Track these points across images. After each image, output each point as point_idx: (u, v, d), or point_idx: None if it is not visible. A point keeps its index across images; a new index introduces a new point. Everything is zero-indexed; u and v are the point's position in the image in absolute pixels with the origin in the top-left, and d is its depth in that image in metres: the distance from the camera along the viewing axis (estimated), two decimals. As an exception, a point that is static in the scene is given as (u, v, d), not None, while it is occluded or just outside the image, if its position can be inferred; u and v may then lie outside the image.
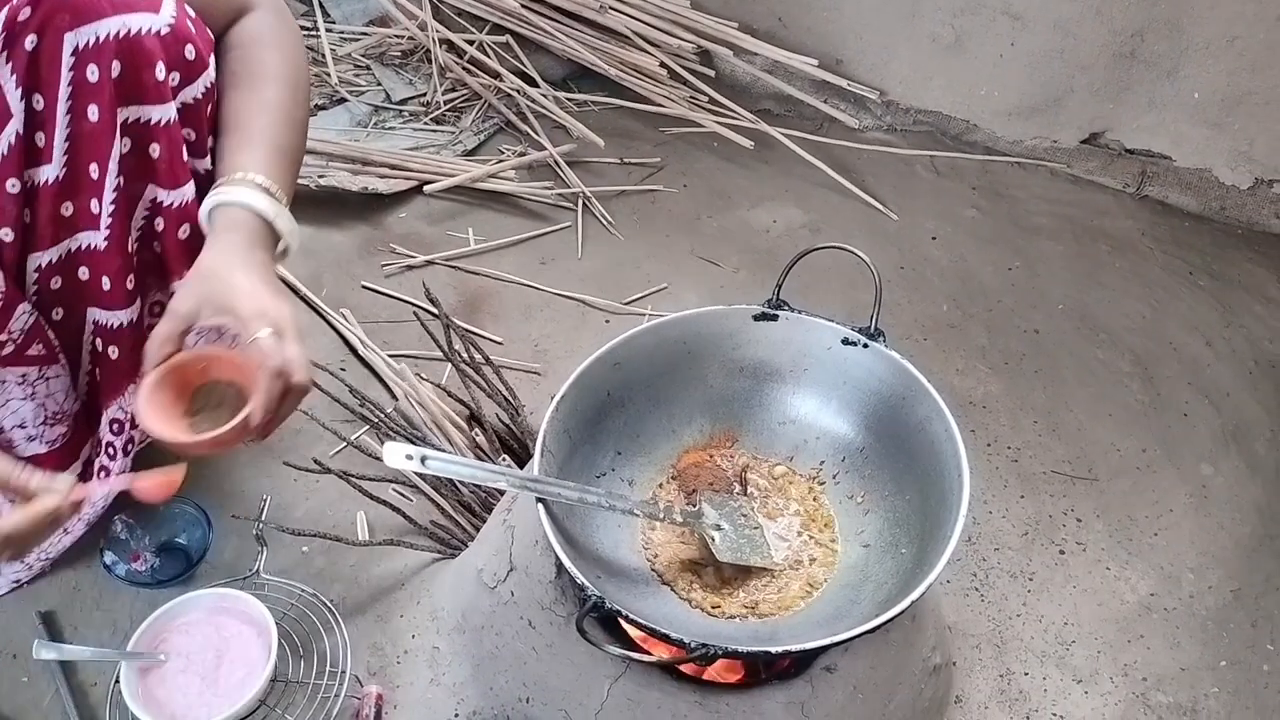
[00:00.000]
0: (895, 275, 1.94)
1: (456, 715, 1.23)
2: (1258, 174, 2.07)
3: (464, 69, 2.34)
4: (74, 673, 1.27)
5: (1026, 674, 1.33)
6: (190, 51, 1.10)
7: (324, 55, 2.37)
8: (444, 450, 1.50)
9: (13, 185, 1.07)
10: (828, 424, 1.24)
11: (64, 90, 1.04)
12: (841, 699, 1.08)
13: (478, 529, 1.38)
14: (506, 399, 1.56)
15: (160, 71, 1.07)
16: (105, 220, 1.12)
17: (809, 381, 1.24)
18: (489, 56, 2.34)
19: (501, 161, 2.14)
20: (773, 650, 0.93)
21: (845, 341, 1.20)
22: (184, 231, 1.17)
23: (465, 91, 2.34)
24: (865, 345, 1.19)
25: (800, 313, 1.22)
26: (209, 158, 1.18)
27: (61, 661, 1.26)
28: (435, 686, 1.26)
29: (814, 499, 1.21)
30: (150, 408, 0.99)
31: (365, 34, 2.47)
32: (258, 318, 1.00)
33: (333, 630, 1.30)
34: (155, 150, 1.11)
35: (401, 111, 2.29)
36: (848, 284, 1.85)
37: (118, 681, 1.20)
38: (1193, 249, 2.06)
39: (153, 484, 1.01)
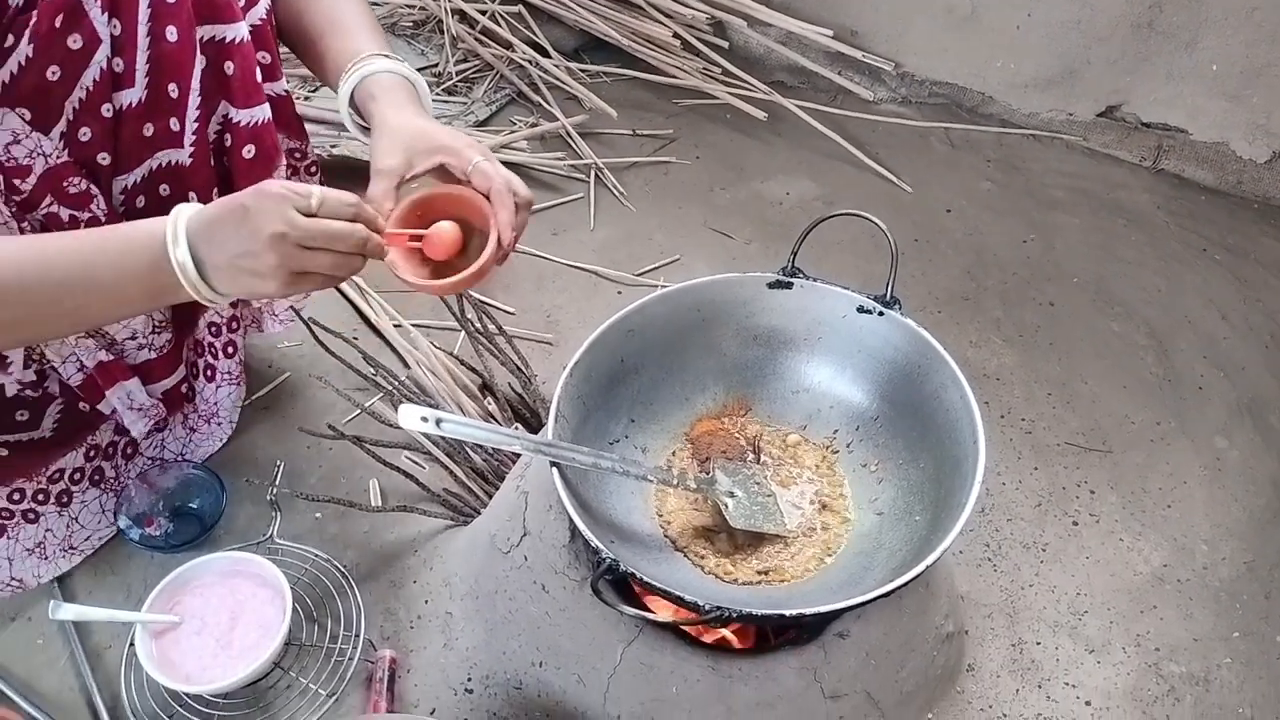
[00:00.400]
0: (910, 247, 1.92)
1: (469, 679, 1.23)
2: (1276, 148, 2.05)
3: (476, 39, 2.33)
4: (88, 635, 1.28)
5: (1039, 644, 1.33)
6: None
7: (336, 25, 2.36)
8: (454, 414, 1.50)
9: (106, 110, 1.09)
10: (842, 392, 1.23)
11: (144, 13, 1.07)
12: (854, 665, 1.08)
13: (490, 496, 1.38)
14: (519, 368, 1.56)
15: None
16: (189, 138, 1.16)
17: (823, 350, 1.24)
18: (501, 27, 2.33)
19: (514, 132, 2.14)
20: (786, 614, 0.93)
21: (860, 309, 1.19)
22: (249, 151, 1.23)
23: (477, 62, 2.33)
24: (880, 313, 1.18)
25: (815, 280, 1.21)
26: (283, 79, 1.26)
27: (76, 624, 1.27)
28: (448, 651, 1.26)
29: (828, 467, 1.21)
30: (403, 264, 1.07)
31: (377, 4, 2.46)
32: (470, 148, 1.08)
33: (346, 595, 1.31)
34: (230, 68, 1.16)
35: (412, 80, 2.28)
36: (860, 256, 1.84)
37: (132, 644, 1.21)
38: (1209, 223, 2.04)
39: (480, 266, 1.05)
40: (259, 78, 1.19)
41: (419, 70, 2.25)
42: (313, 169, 1.41)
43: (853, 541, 1.14)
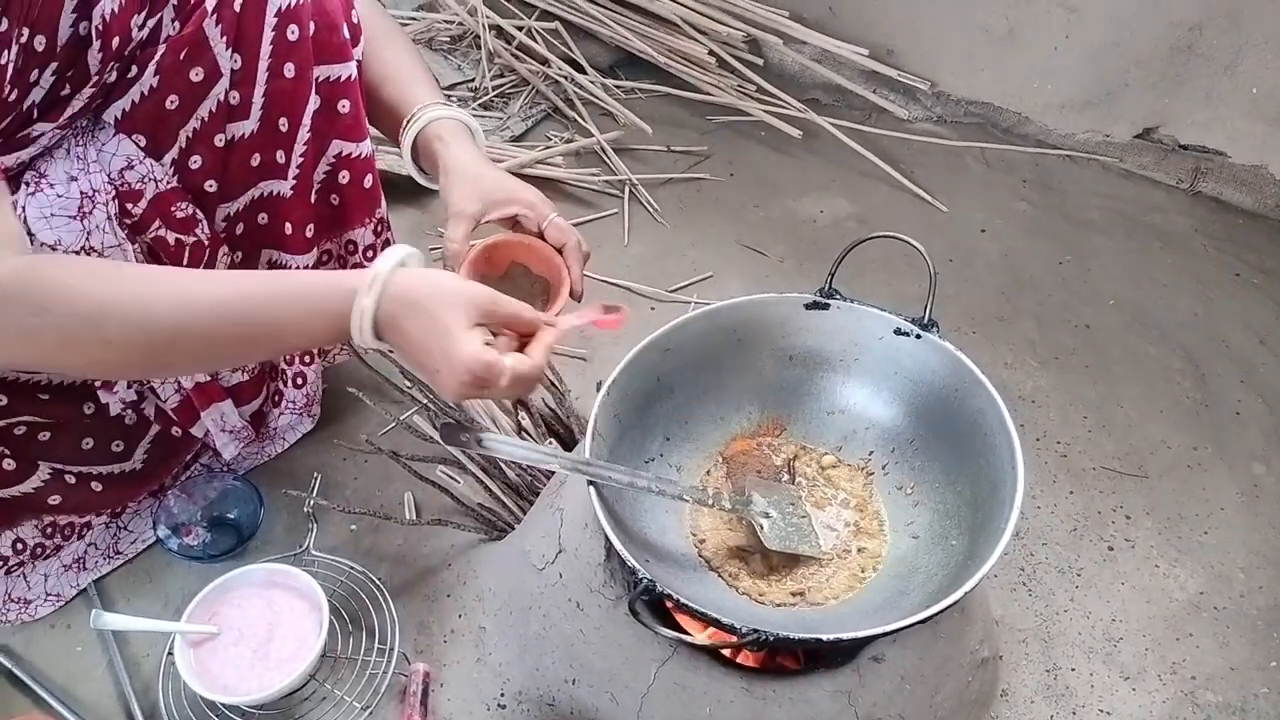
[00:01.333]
0: (944, 267, 1.92)
1: (502, 694, 1.24)
2: (1316, 171, 2.04)
3: (512, 55, 2.34)
4: (126, 644, 1.30)
5: (1073, 670, 1.32)
6: (355, 16, 1.20)
7: (374, 39, 2.38)
8: (492, 432, 1.51)
9: (219, 139, 1.14)
10: (878, 414, 1.23)
11: (265, 49, 1.11)
12: (889, 689, 1.07)
13: (524, 511, 1.39)
14: (553, 383, 1.56)
15: (345, 31, 1.16)
16: (293, 170, 1.21)
17: (859, 371, 1.24)
18: (537, 43, 2.35)
19: (549, 148, 2.15)
20: (824, 638, 0.93)
21: (898, 331, 1.19)
22: (368, 181, 1.29)
23: (513, 77, 2.35)
24: (918, 336, 1.18)
25: (852, 302, 1.21)
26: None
27: (115, 633, 1.29)
28: (481, 666, 1.27)
29: (863, 489, 1.20)
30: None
31: (415, 19, 2.48)
32: (543, 203, 1.14)
33: (381, 608, 1.32)
34: (345, 106, 1.20)
35: (450, 97, 2.30)
36: (895, 275, 1.84)
37: (170, 653, 1.22)
38: (1247, 246, 2.03)
39: (611, 318, 1.06)
40: (365, 111, 1.24)
41: (453, 86, 2.29)
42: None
43: (888, 565, 1.13)
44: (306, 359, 1.43)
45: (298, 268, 1.30)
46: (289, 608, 1.23)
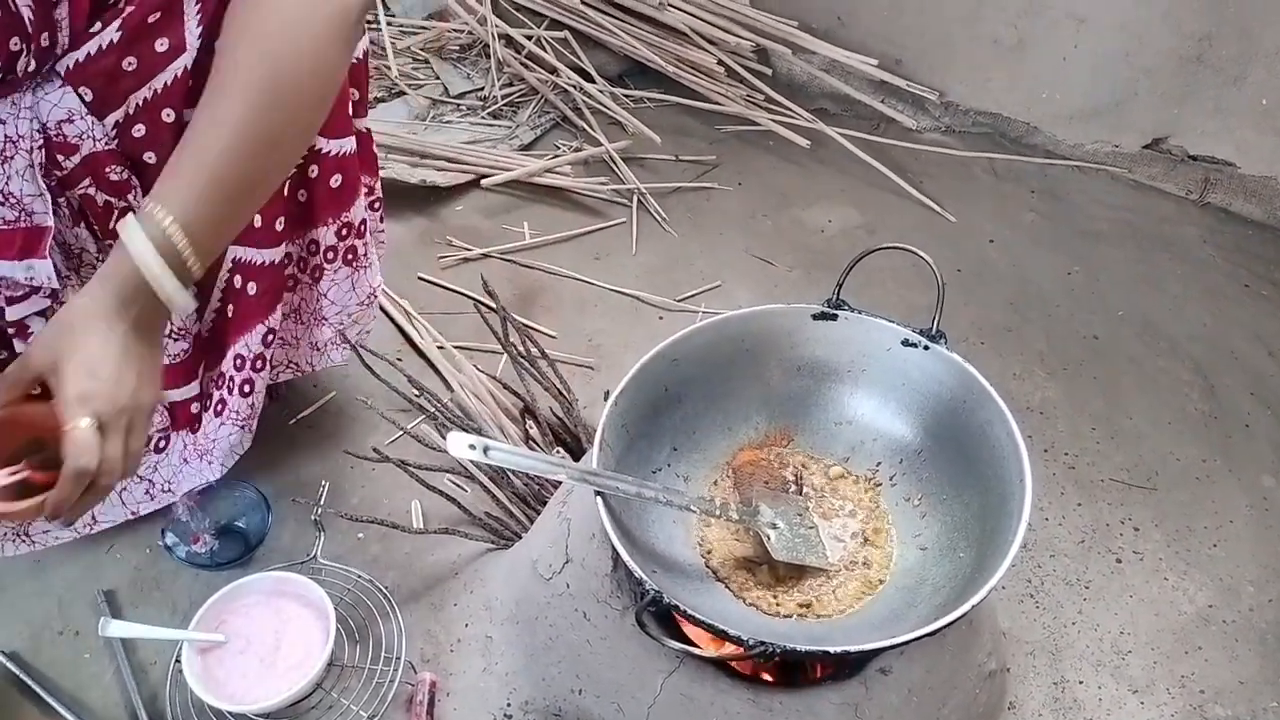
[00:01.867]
0: (952, 278, 1.92)
1: (509, 704, 1.24)
2: (1326, 182, 2.03)
3: (522, 64, 2.35)
4: (133, 651, 1.30)
5: (1081, 683, 1.32)
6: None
7: (384, 48, 2.40)
8: (500, 441, 1.51)
9: (168, 115, 1.07)
10: (886, 425, 1.23)
11: None
12: (896, 702, 1.07)
13: (531, 520, 1.39)
14: (561, 392, 1.57)
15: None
16: None
17: (867, 382, 1.24)
18: (547, 52, 2.36)
19: (558, 157, 2.15)
20: (831, 650, 0.93)
21: (906, 343, 1.19)
22: (336, 180, 1.24)
23: (522, 86, 2.35)
24: (926, 347, 1.18)
25: (860, 313, 1.21)
26: (368, 117, 1.27)
27: (123, 640, 1.29)
28: (488, 675, 1.27)
29: (870, 500, 1.20)
30: None
31: (425, 28, 2.49)
32: (80, 403, 0.88)
33: (388, 616, 1.32)
34: None
35: (459, 105, 2.31)
36: (903, 285, 1.84)
37: (177, 661, 1.22)
38: (1256, 258, 2.02)
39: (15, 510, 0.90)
40: (350, 110, 1.21)
41: (462, 94, 2.30)
42: (377, 204, 1.43)
43: (896, 576, 1.13)
44: (258, 365, 1.33)
45: (264, 262, 1.24)
46: (296, 616, 1.23)
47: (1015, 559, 0.97)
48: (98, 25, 1.02)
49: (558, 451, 1.50)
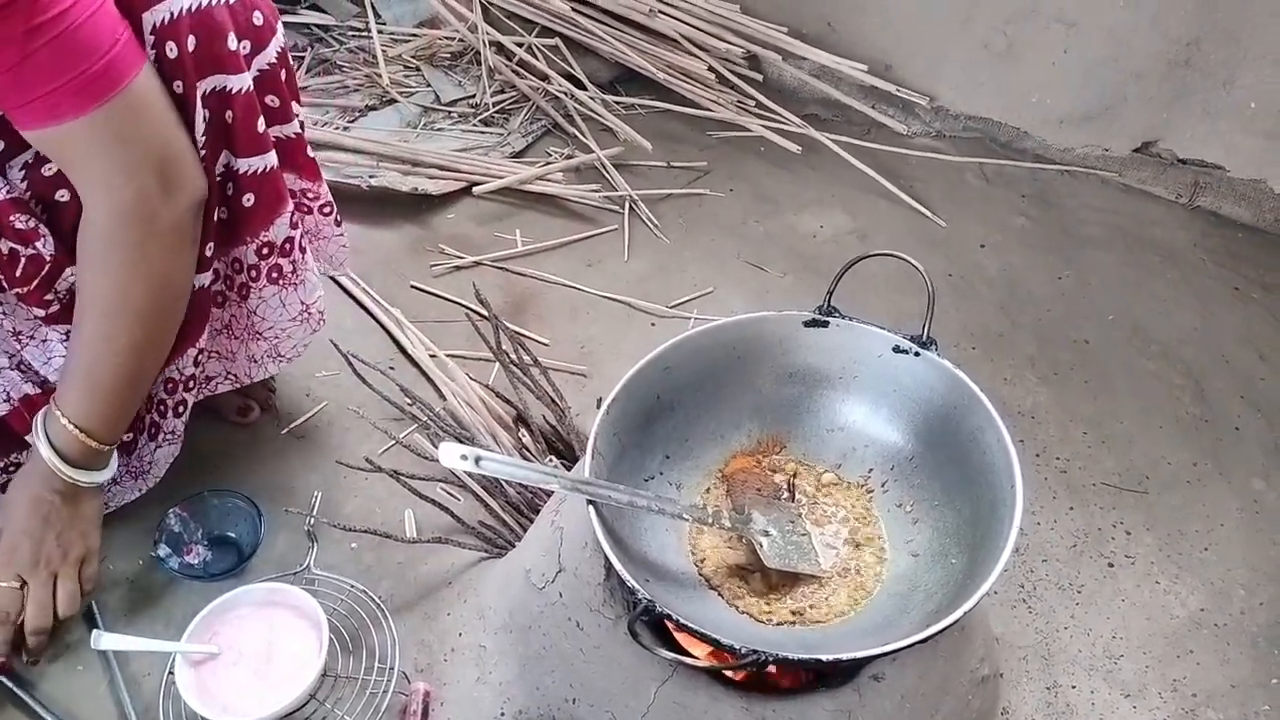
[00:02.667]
0: (943, 283, 1.92)
1: (503, 714, 1.23)
2: (1314, 185, 2.04)
3: (513, 71, 2.35)
4: (127, 663, 1.29)
5: (1074, 687, 1.32)
6: (258, 17, 1.14)
7: (375, 56, 2.40)
8: (493, 450, 1.51)
9: None
10: (877, 432, 1.23)
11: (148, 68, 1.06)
12: (889, 708, 1.07)
13: (524, 529, 1.39)
14: (553, 400, 1.57)
15: (232, 41, 1.10)
16: None
17: (859, 389, 1.24)
18: (537, 59, 2.36)
19: (549, 164, 2.16)
20: (824, 658, 0.93)
21: (896, 349, 1.19)
22: (249, 200, 1.22)
23: (514, 94, 2.36)
24: (917, 354, 1.18)
25: (851, 319, 1.22)
26: (294, 121, 1.25)
27: (115, 652, 1.29)
28: (482, 685, 1.27)
29: (862, 507, 1.21)
30: None
31: (415, 35, 2.49)
32: (3, 568, 1.18)
33: (381, 626, 1.32)
34: (229, 117, 1.14)
35: (450, 113, 2.31)
36: (895, 290, 1.84)
37: (171, 673, 1.22)
38: (1246, 261, 2.03)
39: None
40: (262, 127, 1.18)
41: (453, 102, 2.30)
42: (326, 209, 1.41)
43: (888, 583, 1.14)
44: (189, 385, 1.34)
45: (195, 289, 1.23)
46: (289, 627, 1.23)
47: (1007, 564, 0.97)
48: None
49: (550, 460, 1.50)
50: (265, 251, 1.30)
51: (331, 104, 2.28)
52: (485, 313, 1.63)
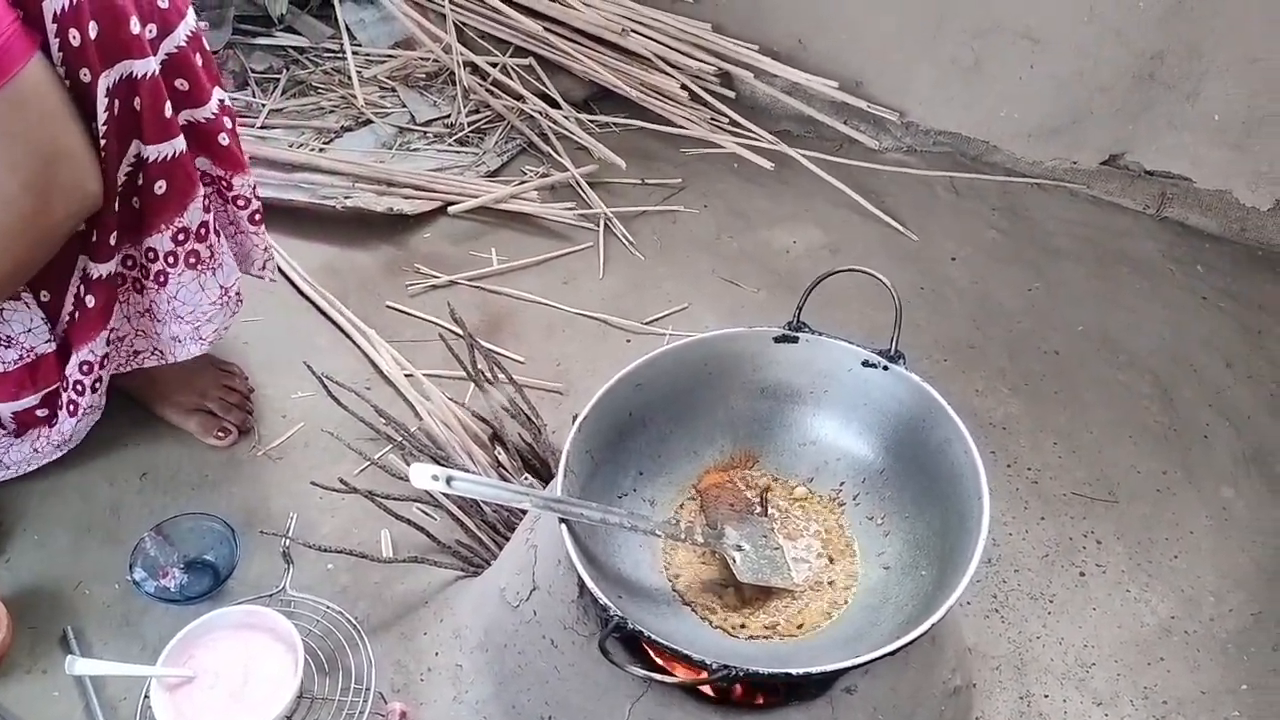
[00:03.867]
0: (915, 296, 1.94)
1: (479, 733, 1.24)
2: (1278, 195, 2.07)
3: (487, 91, 2.36)
4: (103, 688, 1.29)
5: (1046, 696, 1.33)
6: (163, 1, 1.13)
7: (350, 77, 2.40)
8: (468, 469, 1.52)
9: None
10: (848, 445, 1.24)
11: (55, 56, 1.06)
12: (862, 720, 1.08)
13: (501, 547, 1.40)
14: (529, 418, 1.57)
15: (135, 25, 1.09)
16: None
17: (829, 403, 1.25)
18: (512, 78, 2.37)
19: (524, 182, 2.17)
20: (794, 672, 0.94)
21: (865, 364, 1.21)
22: (160, 187, 1.22)
23: (488, 113, 2.37)
24: (885, 368, 1.20)
25: (820, 335, 1.23)
26: (210, 104, 1.24)
27: (91, 677, 1.28)
28: (458, 704, 1.27)
29: (834, 520, 1.22)
30: None
31: (391, 56, 2.50)
32: None
33: (358, 647, 1.32)
34: (138, 104, 1.14)
35: (426, 133, 2.32)
36: (867, 304, 1.86)
37: (147, 697, 1.22)
38: (1213, 270, 2.06)
39: None
40: (169, 111, 1.18)
41: (429, 122, 2.31)
42: (241, 202, 1.40)
43: (860, 595, 1.14)
44: (104, 362, 1.36)
45: (101, 275, 1.25)
46: (265, 649, 1.23)
47: (978, 573, 0.99)
48: None
49: (526, 478, 1.51)
50: (181, 238, 1.30)
51: (307, 125, 2.28)
52: (460, 332, 1.64)
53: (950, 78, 2.23)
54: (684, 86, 2.33)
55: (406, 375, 1.70)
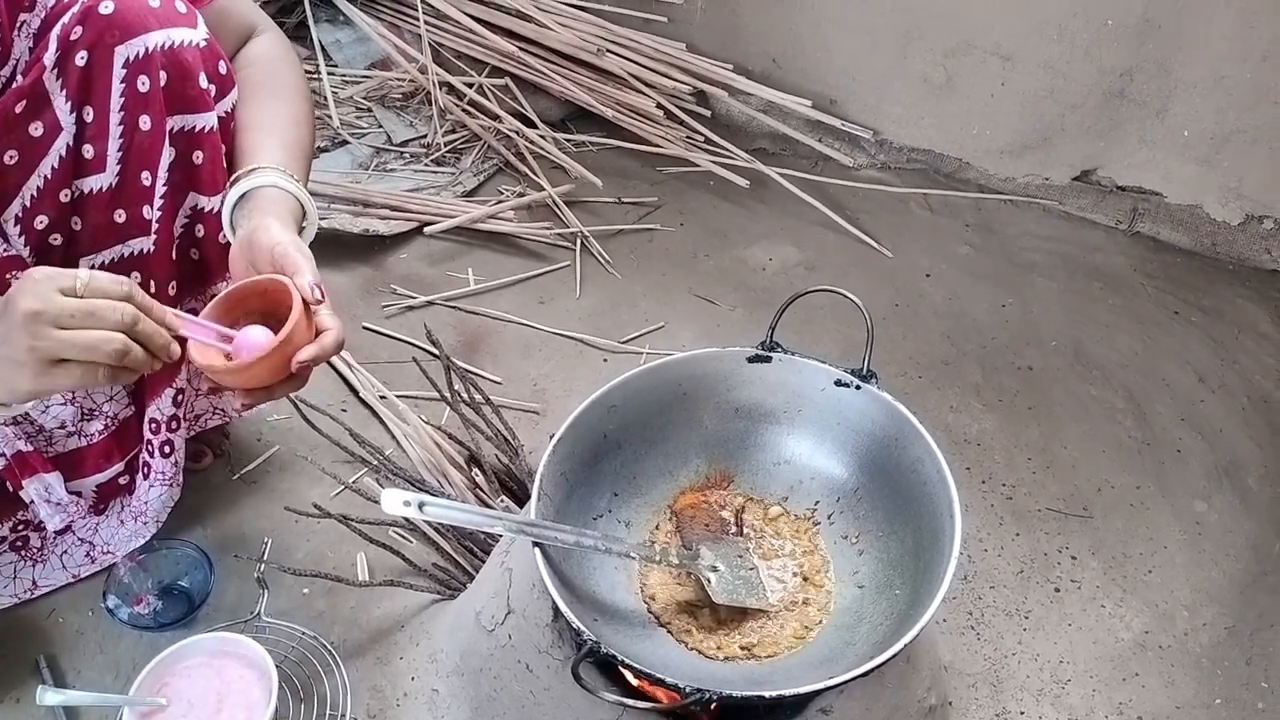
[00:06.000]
0: (890, 312, 1.95)
1: (456, 758, 1.23)
2: (1248, 210, 2.09)
3: (464, 111, 2.37)
4: (75, 717, 1.28)
5: (1022, 713, 1.34)
6: (222, 66, 1.16)
7: (326, 98, 2.41)
8: (443, 492, 1.52)
9: (64, 195, 1.12)
10: (822, 465, 1.25)
11: (115, 101, 1.09)
12: (837, 740, 1.08)
13: (477, 570, 1.39)
14: (505, 439, 1.57)
15: (203, 81, 1.13)
16: (154, 226, 1.18)
17: (803, 422, 1.26)
18: (488, 99, 2.38)
19: (501, 202, 2.17)
20: (767, 695, 0.94)
21: (838, 383, 1.21)
22: (224, 237, 1.22)
23: (465, 133, 2.37)
24: (858, 387, 1.20)
25: (793, 354, 1.23)
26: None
27: (65, 707, 1.27)
28: (434, 729, 1.27)
29: (809, 540, 1.22)
30: (196, 339, 0.98)
31: (367, 77, 2.51)
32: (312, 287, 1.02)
33: (333, 673, 1.31)
34: (199, 158, 1.17)
35: (402, 153, 2.32)
36: (842, 320, 1.87)
37: (120, 726, 1.21)
38: (1185, 285, 2.08)
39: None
40: (224, 163, 1.20)
41: (405, 142, 2.31)
42: None
43: (835, 615, 1.15)
44: (173, 425, 1.33)
45: None
46: (239, 677, 1.22)
47: (953, 590, 0.99)
48: None
49: (503, 500, 1.51)
50: None
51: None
52: (436, 353, 1.64)
53: (923, 96, 2.25)
54: (660, 106, 2.34)
55: (381, 397, 1.70)
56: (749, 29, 2.33)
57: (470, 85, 2.40)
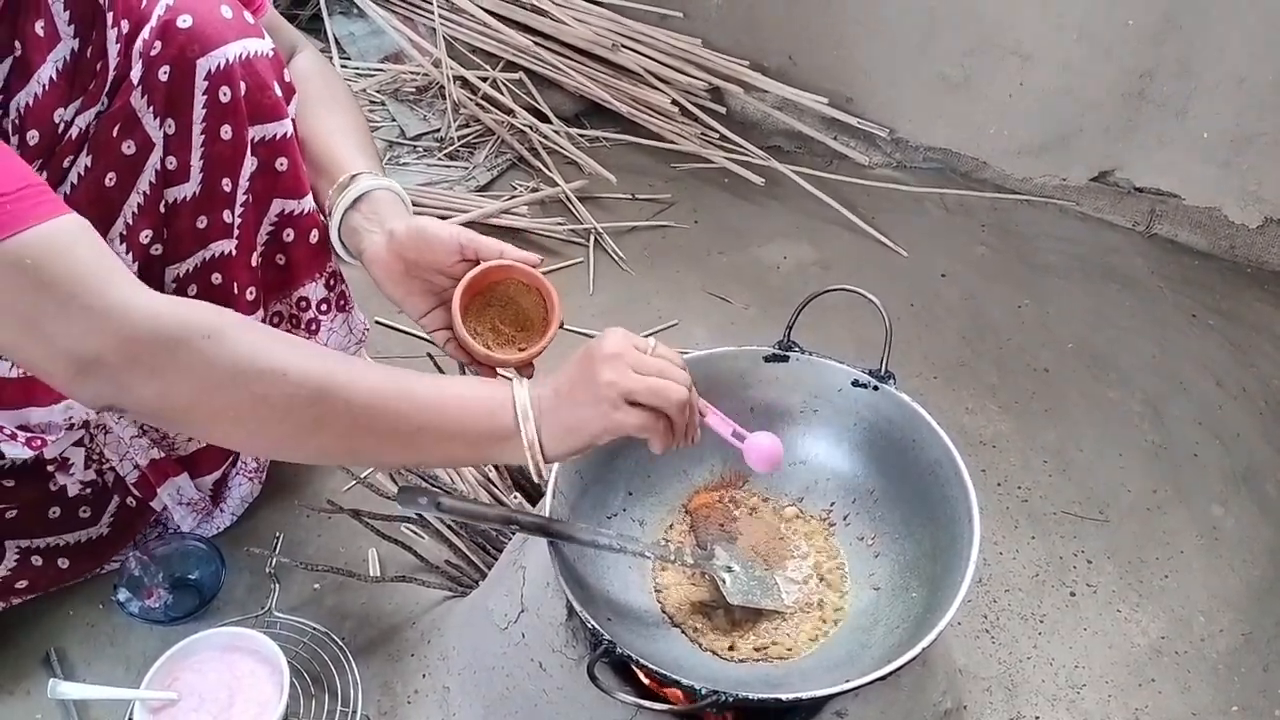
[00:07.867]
0: (905, 312, 1.94)
1: (466, 756, 1.23)
2: (1267, 213, 2.07)
3: (477, 105, 2.36)
4: (86, 711, 1.28)
5: (1037, 718, 1.33)
6: (286, 75, 1.18)
7: (339, 91, 2.40)
8: (455, 489, 1.51)
9: (161, 207, 1.15)
10: (838, 465, 1.24)
11: (199, 113, 1.11)
12: (852, 744, 1.08)
13: (490, 567, 1.39)
14: (518, 436, 1.56)
15: (277, 89, 1.15)
16: (235, 230, 1.19)
17: (819, 423, 1.25)
18: (502, 93, 2.37)
19: (514, 197, 2.16)
20: (784, 698, 0.93)
21: (856, 383, 1.20)
22: (314, 236, 1.27)
23: (478, 127, 2.36)
24: (876, 388, 1.19)
25: (811, 354, 1.22)
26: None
27: (75, 700, 1.27)
28: (445, 727, 1.26)
29: (824, 541, 1.21)
30: (467, 332, 1.12)
31: (380, 70, 2.50)
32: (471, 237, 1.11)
33: (344, 669, 1.31)
34: (283, 164, 1.19)
35: (415, 147, 2.31)
36: (857, 320, 1.85)
37: None
38: (1202, 288, 2.06)
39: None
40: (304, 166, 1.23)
41: (418, 136, 2.31)
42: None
43: (850, 617, 1.14)
44: None
45: None
46: (250, 673, 1.22)
47: (968, 593, 0.98)
48: (69, 159, 1.07)
49: (515, 497, 1.50)
50: (332, 282, 1.35)
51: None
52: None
53: (940, 94, 2.23)
54: (675, 102, 2.33)
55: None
56: (765, 25, 2.32)
57: (484, 79, 2.39)
